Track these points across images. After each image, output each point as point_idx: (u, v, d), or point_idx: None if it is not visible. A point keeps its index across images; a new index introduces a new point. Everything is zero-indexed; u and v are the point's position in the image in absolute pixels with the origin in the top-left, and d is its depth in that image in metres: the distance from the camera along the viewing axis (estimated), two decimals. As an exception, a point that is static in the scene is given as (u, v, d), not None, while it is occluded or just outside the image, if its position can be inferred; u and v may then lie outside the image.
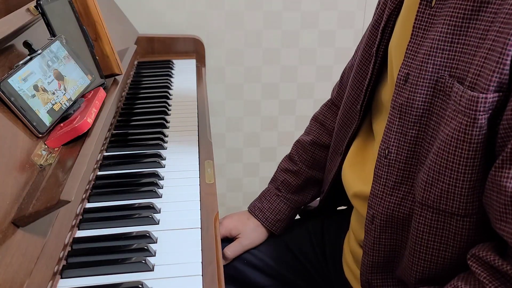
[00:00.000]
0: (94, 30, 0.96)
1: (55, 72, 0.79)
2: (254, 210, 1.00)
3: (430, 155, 0.65)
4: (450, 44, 0.62)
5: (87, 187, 0.83)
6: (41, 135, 0.72)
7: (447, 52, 0.63)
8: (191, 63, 1.53)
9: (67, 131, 0.74)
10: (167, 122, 1.11)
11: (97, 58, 0.95)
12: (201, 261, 0.69)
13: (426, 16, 0.66)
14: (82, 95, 0.85)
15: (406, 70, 0.67)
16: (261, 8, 1.63)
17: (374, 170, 0.73)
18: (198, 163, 0.95)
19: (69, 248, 0.70)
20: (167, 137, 1.05)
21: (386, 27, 0.77)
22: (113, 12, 1.42)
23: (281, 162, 1.04)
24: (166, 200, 0.83)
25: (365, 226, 0.76)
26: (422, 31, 0.67)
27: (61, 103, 0.78)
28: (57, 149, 0.74)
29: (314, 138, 1.00)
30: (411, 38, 0.68)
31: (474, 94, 0.58)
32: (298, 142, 1.03)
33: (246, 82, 1.73)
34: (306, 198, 1.01)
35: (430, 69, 0.64)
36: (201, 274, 0.67)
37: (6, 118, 0.67)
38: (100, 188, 0.85)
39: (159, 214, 0.79)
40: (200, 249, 0.72)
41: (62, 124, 0.77)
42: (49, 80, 0.77)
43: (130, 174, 0.89)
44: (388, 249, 0.74)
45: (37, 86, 0.74)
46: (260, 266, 0.96)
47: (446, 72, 0.63)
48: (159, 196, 0.84)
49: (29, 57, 0.75)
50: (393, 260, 0.75)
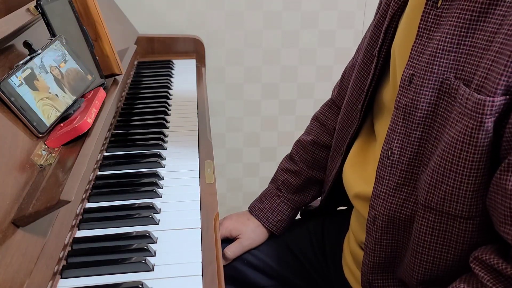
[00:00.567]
0: (94, 30, 0.96)
1: (55, 72, 0.79)
2: (254, 210, 1.00)
3: (434, 157, 0.64)
4: (456, 45, 0.62)
5: (87, 187, 0.83)
6: (41, 135, 0.72)
7: (453, 53, 0.62)
8: (191, 63, 1.53)
9: (67, 131, 0.74)
10: (167, 122, 1.11)
11: (97, 58, 0.95)
12: (201, 261, 0.69)
13: (432, 16, 0.65)
14: (82, 95, 0.85)
15: (411, 71, 0.67)
16: (261, 8, 1.63)
17: (377, 171, 0.72)
18: (198, 163, 0.95)
19: (69, 248, 0.70)
20: (167, 137, 1.04)
21: (389, 28, 0.77)
22: (113, 12, 1.42)
23: (281, 162, 1.04)
24: (166, 200, 0.83)
25: (366, 227, 0.75)
26: (427, 32, 0.66)
27: (61, 103, 0.78)
28: (57, 149, 0.74)
29: (315, 138, 1.00)
30: (416, 38, 0.67)
31: (481, 97, 0.57)
32: (298, 142, 1.03)
33: (246, 82, 1.73)
34: (307, 198, 1.01)
35: (436, 70, 0.63)
36: (201, 274, 0.67)
37: (6, 118, 0.67)
38: (100, 188, 0.85)
39: (159, 214, 0.79)
40: (200, 249, 0.72)
41: (62, 124, 0.77)
42: (49, 80, 0.77)
43: (130, 174, 0.89)
44: (389, 250, 0.74)
45: (37, 86, 0.74)
46: (260, 266, 0.96)
47: (452, 73, 0.62)
48: (159, 196, 0.84)
49: (29, 57, 0.75)
50: (394, 261, 0.75)
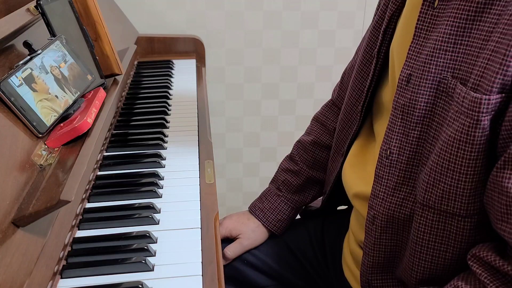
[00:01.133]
0: (94, 30, 0.96)
1: (55, 72, 0.79)
2: (254, 210, 1.00)
3: (432, 156, 0.64)
4: (453, 45, 0.62)
5: (87, 187, 0.83)
6: (41, 135, 0.72)
7: (450, 53, 0.62)
8: (191, 63, 1.53)
9: (67, 131, 0.74)
10: (167, 122, 1.11)
11: (97, 58, 0.95)
12: (201, 261, 0.69)
13: (429, 17, 0.66)
14: (82, 95, 0.85)
15: (408, 71, 0.67)
16: (261, 8, 1.63)
17: (375, 171, 0.73)
18: (198, 163, 0.95)
19: (69, 248, 0.70)
20: (167, 137, 1.04)
21: (387, 28, 0.77)
22: (113, 12, 1.42)
23: (281, 162, 1.04)
24: (166, 200, 0.83)
25: (365, 227, 0.75)
26: (424, 32, 0.66)
27: (61, 103, 0.78)
28: (57, 149, 0.74)
29: (315, 138, 1.00)
30: (414, 39, 0.67)
31: (477, 95, 0.57)
32: (299, 142, 1.03)
33: (246, 82, 1.73)
34: (307, 198, 1.01)
35: (433, 70, 0.64)
36: (201, 274, 0.67)
37: (6, 118, 0.67)
38: (100, 188, 0.85)
39: (159, 214, 0.79)
40: (200, 249, 0.72)
41: (62, 124, 0.77)
42: (49, 80, 0.77)
43: (130, 174, 0.89)
44: (388, 249, 0.74)
45: (37, 86, 0.74)
46: (260, 266, 0.96)
47: (449, 73, 0.63)
48: (159, 196, 0.84)
49: (29, 57, 0.75)
50: (393, 260, 0.75)
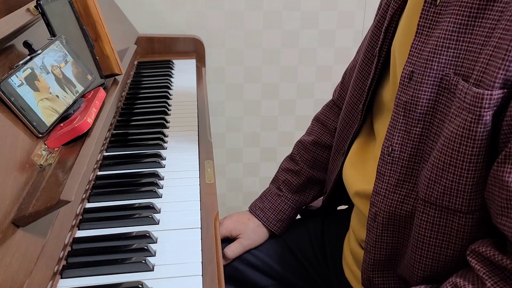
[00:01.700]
0: (94, 30, 0.96)
1: (55, 72, 0.79)
2: (255, 209, 1.00)
3: (434, 152, 0.65)
4: (455, 42, 0.63)
5: (87, 187, 0.83)
6: (41, 135, 0.72)
7: (453, 50, 0.63)
8: (191, 63, 1.53)
9: (67, 131, 0.74)
10: (167, 122, 1.11)
11: (97, 58, 0.95)
12: (201, 261, 0.69)
13: (431, 14, 0.66)
14: (82, 95, 0.85)
15: (411, 68, 0.68)
16: (261, 8, 1.63)
17: (377, 168, 0.73)
18: (198, 163, 0.95)
19: (69, 248, 0.70)
20: (167, 137, 1.04)
21: (389, 27, 0.77)
22: (113, 12, 1.42)
23: (282, 162, 1.04)
24: (166, 200, 0.83)
25: (367, 224, 0.76)
26: (427, 30, 0.67)
27: (61, 103, 0.78)
28: (57, 149, 0.74)
29: (316, 138, 1.00)
30: (416, 36, 0.68)
31: (479, 91, 0.58)
32: (299, 142, 1.03)
33: (246, 82, 1.73)
34: (307, 198, 1.01)
35: (435, 67, 0.64)
36: (201, 274, 0.67)
37: (6, 118, 0.67)
38: (100, 188, 0.85)
39: (159, 214, 0.79)
40: (200, 249, 0.72)
41: (62, 124, 0.77)
42: (49, 80, 0.77)
43: (130, 174, 0.89)
44: (390, 247, 0.74)
45: (37, 86, 0.74)
46: (260, 266, 0.96)
47: (451, 70, 0.63)
48: (159, 196, 0.84)
49: (29, 57, 0.75)
50: (394, 258, 0.75)
